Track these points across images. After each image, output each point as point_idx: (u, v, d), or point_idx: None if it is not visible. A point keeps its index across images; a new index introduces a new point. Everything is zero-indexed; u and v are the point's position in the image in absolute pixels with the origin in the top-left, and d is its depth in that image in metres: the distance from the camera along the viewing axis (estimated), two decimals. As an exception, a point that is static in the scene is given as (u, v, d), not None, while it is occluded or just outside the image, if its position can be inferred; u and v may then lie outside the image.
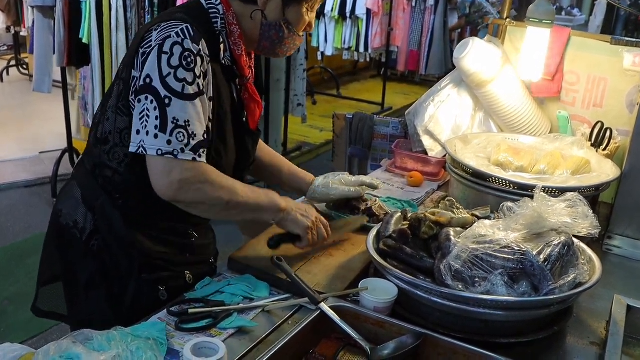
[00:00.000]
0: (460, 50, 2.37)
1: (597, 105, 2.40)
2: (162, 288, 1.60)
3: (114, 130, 1.55)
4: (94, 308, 1.62)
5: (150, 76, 1.43)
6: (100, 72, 4.43)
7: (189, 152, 1.45)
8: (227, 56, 1.57)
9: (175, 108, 1.43)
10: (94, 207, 1.60)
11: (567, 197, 1.47)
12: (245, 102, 1.67)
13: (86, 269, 1.61)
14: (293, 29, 1.59)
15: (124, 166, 1.56)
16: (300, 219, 1.63)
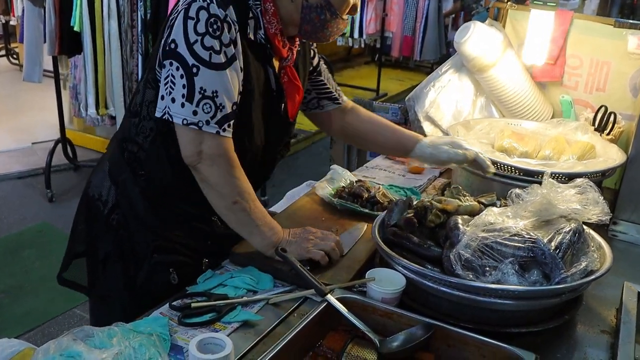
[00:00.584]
0: (461, 35, 2.33)
1: (600, 89, 2.37)
2: (172, 271, 1.58)
3: (143, 103, 1.55)
4: (110, 284, 1.63)
5: (176, 41, 1.40)
6: (93, 60, 4.36)
7: (214, 125, 1.42)
8: (260, 34, 1.52)
9: (203, 78, 1.40)
10: (118, 182, 1.61)
11: (577, 182, 1.44)
12: (284, 88, 1.62)
13: (105, 243, 1.62)
14: (336, 12, 1.52)
15: (149, 142, 1.56)
16: (298, 244, 1.54)
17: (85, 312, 3.30)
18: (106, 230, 1.63)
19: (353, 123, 1.90)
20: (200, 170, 1.46)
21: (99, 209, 1.64)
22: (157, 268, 1.58)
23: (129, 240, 1.60)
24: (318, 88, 1.85)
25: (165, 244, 1.60)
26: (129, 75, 4.40)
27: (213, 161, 1.45)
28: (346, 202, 1.86)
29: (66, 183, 5.00)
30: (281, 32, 1.54)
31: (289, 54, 1.59)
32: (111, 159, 1.66)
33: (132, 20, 4.25)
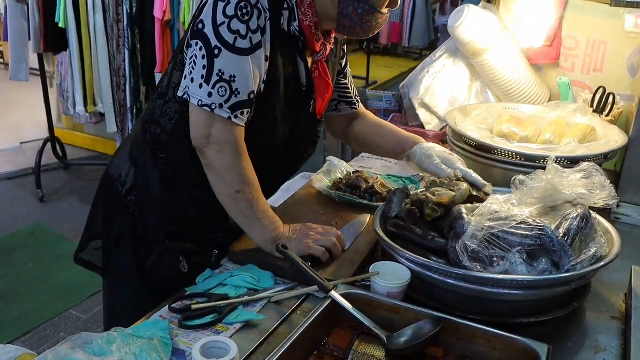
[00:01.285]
0: (455, 19, 2.29)
1: (597, 70, 2.34)
2: (182, 259, 1.56)
3: (169, 85, 1.54)
4: (122, 266, 1.63)
5: (204, 22, 1.38)
6: (79, 57, 4.30)
7: (227, 109, 1.40)
8: (294, 25, 1.48)
9: (224, 60, 1.38)
10: (137, 163, 1.61)
11: (582, 167, 1.41)
12: (315, 83, 1.58)
13: (120, 224, 1.62)
14: (374, 5, 1.47)
15: (172, 125, 1.54)
16: (298, 241, 1.50)
17: (81, 313, 3.27)
18: (122, 211, 1.63)
19: (356, 127, 1.90)
20: (207, 155, 1.44)
21: (117, 189, 1.64)
22: (168, 254, 1.57)
23: (143, 222, 1.60)
24: (341, 91, 1.83)
25: (178, 231, 1.58)
26: (117, 71, 4.34)
27: (221, 147, 1.42)
28: (344, 194, 1.82)
29: (57, 182, 4.94)
30: (316, 25, 1.50)
31: (322, 48, 1.55)
32: (133, 140, 1.66)
33: (117, 15, 4.18)
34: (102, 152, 5.44)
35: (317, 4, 1.48)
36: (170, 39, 4.13)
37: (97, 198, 1.74)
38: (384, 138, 1.87)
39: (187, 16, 3.99)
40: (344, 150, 3.06)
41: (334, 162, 2.03)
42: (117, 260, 1.66)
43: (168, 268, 1.57)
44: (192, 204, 1.59)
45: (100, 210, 1.71)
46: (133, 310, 1.62)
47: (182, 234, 1.59)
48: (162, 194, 1.58)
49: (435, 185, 1.57)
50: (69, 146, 5.31)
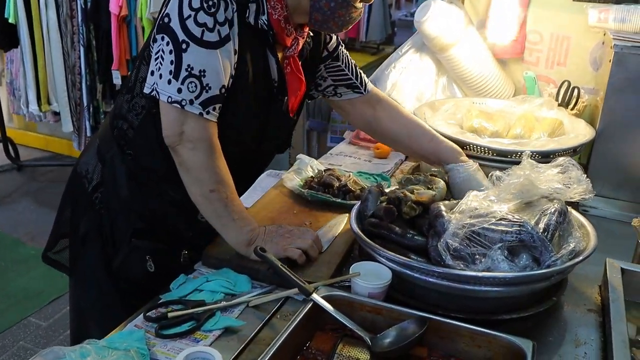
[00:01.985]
0: (421, 14, 2.28)
1: (560, 64, 2.36)
2: (148, 258, 1.51)
3: (137, 79, 1.49)
4: (89, 266, 1.59)
5: (170, 15, 1.33)
6: (31, 54, 4.17)
7: (198, 105, 1.35)
8: (262, 19, 1.42)
9: (192, 55, 1.33)
10: (105, 160, 1.55)
11: (559, 161, 1.41)
12: (287, 80, 1.53)
13: (86, 221, 1.58)
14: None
15: (139, 121, 1.49)
16: (274, 243, 1.46)
17: (42, 320, 3.16)
18: (89, 209, 1.58)
19: (383, 121, 1.78)
20: (180, 153, 1.39)
21: (83, 186, 1.59)
22: (134, 253, 1.52)
23: (110, 221, 1.54)
24: (334, 74, 1.74)
25: (146, 229, 1.53)
26: (72, 69, 4.21)
27: (194, 144, 1.37)
28: (317, 193, 1.79)
29: (10, 184, 4.77)
30: (286, 19, 1.45)
31: (293, 43, 1.50)
32: (101, 136, 1.61)
33: (71, 10, 4.05)
34: (58, 152, 5.28)
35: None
36: (127, 34, 4.02)
37: (64, 195, 1.69)
38: (420, 142, 1.76)
39: (144, 11, 3.89)
40: (310, 146, 3.04)
41: (305, 160, 2.00)
42: (84, 260, 1.60)
43: (135, 267, 1.53)
44: (160, 201, 1.54)
45: (67, 208, 1.67)
46: (100, 310, 1.59)
47: (149, 232, 1.54)
48: (130, 192, 1.53)
49: (410, 183, 1.56)
50: (22, 146, 5.14)
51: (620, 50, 1.87)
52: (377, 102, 1.80)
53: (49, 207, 4.28)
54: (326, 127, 2.94)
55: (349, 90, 1.77)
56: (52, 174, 4.91)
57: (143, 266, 1.52)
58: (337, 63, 1.73)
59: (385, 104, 1.80)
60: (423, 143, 1.77)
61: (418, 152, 1.82)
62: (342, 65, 1.74)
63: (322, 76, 1.74)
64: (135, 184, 1.53)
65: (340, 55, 1.74)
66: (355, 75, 1.76)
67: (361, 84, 1.77)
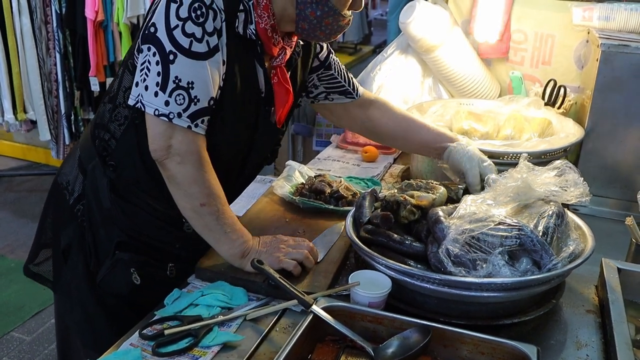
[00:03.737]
0: (406, 15, 2.27)
1: (545, 63, 2.37)
2: (133, 271, 1.47)
3: (120, 89, 1.44)
4: (72, 279, 1.54)
5: (156, 25, 1.29)
6: (5, 61, 4.08)
7: (186, 118, 1.32)
8: (251, 29, 1.39)
9: (179, 66, 1.29)
10: (86, 171, 1.51)
11: (556, 164, 1.41)
12: (274, 90, 1.49)
13: (67, 234, 1.54)
14: (333, 7, 1.39)
15: (122, 131, 1.45)
16: (269, 254, 1.44)
17: (25, 335, 3.09)
18: (70, 221, 1.54)
19: (377, 121, 1.77)
20: (168, 167, 1.35)
21: (64, 197, 1.55)
22: (118, 266, 1.47)
23: (92, 233, 1.50)
24: (327, 82, 1.72)
25: (130, 242, 1.49)
26: (47, 76, 4.12)
27: (182, 158, 1.34)
28: (309, 200, 1.77)
29: (-14, 195, 4.67)
30: (273, 28, 1.41)
31: (280, 53, 1.47)
32: (82, 146, 1.56)
33: (45, 16, 3.97)
34: (35, 162, 5.17)
35: (274, 5, 1.41)
36: (104, 40, 3.95)
37: (45, 207, 1.65)
38: (414, 134, 1.76)
39: (120, 16, 3.83)
40: (295, 150, 3.01)
41: (294, 166, 1.97)
42: (67, 274, 1.56)
43: (119, 281, 1.48)
44: (144, 214, 1.50)
45: (48, 220, 1.63)
46: (85, 326, 1.55)
47: (133, 244, 1.50)
48: (112, 204, 1.48)
49: (411, 188, 1.54)
50: (-3, 156, 5.04)
51: (607, 49, 1.87)
52: (369, 104, 1.79)
53: (28, 218, 4.19)
54: (311, 131, 2.91)
55: (342, 96, 1.76)
56: (30, 183, 4.81)
57: (128, 279, 1.47)
58: (329, 72, 1.72)
59: (377, 104, 1.79)
60: (416, 134, 1.76)
61: (413, 144, 1.82)
62: (335, 73, 1.72)
63: (314, 84, 1.73)
64: (117, 196, 1.48)
65: (332, 63, 1.72)
66: (347, 82, 1.75)
67: (353, 89, 1.76)
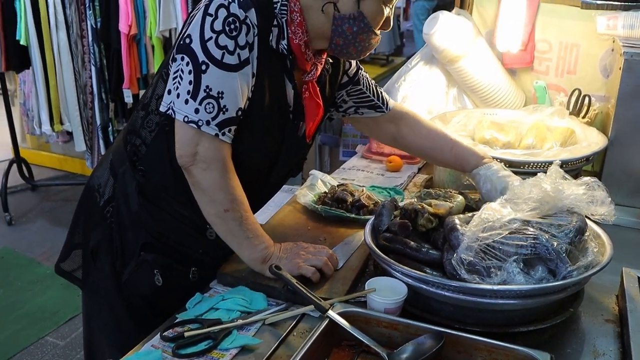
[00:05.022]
0: (430, 26, 2.29)
1: (570, 72, 2.36)
2: (156, 272, 1.52)
3: (153, 96, 1.50)
4: (100, 278, 1.60)
5: (191, 36, 1.35)
6: (43, 75, 4.21)
7: (214, 126, 1.36)
8: (283, 43, 1.44)
9: (211, 76, 1.34)
10: (117, 174, 1.56)
11: (585, 180, 1.41)
12: (305, 104, 1.54)
13: (97, 234, 1.59)
14: (368, 24, 1.44)
15: (152, 137, 1.50)
16: (289, 260, 1.47)
17: (59, 339, 3.17)
18: (100, 222, 1.59)
19: (407, 137, 1.81)
20: (193, 173, 1.40)
21: (95, 199, 1.61)
22: (143, 266, 1.53)
23: (120, 235, 1.55)
24: (356, 97, 1.76)
25: (155, 244, 1.54)
26: (83, 88, 4.25)
27: (208, 165, 1.39)
28: (331, 209, 1.80)
29: (25, 204, 4.81)
30: (306, 45, 1.46)
31: (312, 68, 1.51)
32: (114, 151, 1.63)
33: (81, 30, 4.10)
34: (71, 172, 5.32)
35: (308, 22, 1.45)
36: (137, 53, 4.05)
37: (77, 208, 1.71)
38: (443, 152, 1.78)
39: (153, 30, 3.93)
40: (322, 161, 3.04)
41: (317, 176, 2.00)
42: (95, 274, 1.62)
43: (143, 281, 1.53)
44: (170, 218, 1.55)
45: (80, 221, 1.68)
46: (111, 324, 1.60)
47: (158, 247, 1.55)
48: (140, 207, 1.53)
49: (430, 197, 1.56)
50: (35, 166, 5.18)
51: (630, 57, 1.87)
52: (399, 118, 1.81)
53: (63, 226, 4.30)
54: (338, 142, 2.94)
55: (371, 110, 1.79)
56: (65, 193, 4.95)
57: (151, 280, 1.52)
58: (358, 87, 1.75)
59: (408, 118, 1.82)
60: (445, 152, 1.78)
61: (442, 161, 1.85)
62: (364, 88, 1.76)
63: (343, 99, 1.76)
64: (145, 200, 1.53)
65: (361, 79, 1.75)
66: (376, 96, 1.78)
67: (383, 103, 1.78)
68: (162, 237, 1.55)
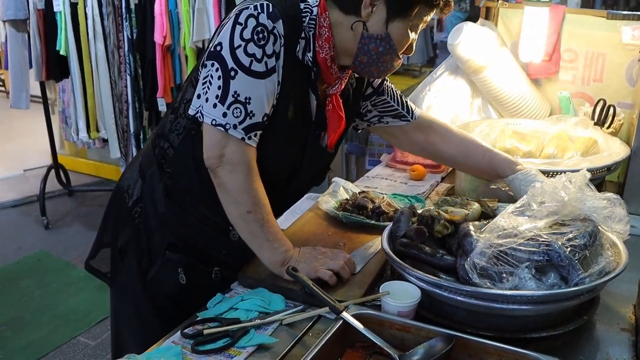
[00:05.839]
0: (454, 37, 2.31)
1: (597, 80, 2.36)
2: (180, 271, 1.58)
3: (182, 101, 1.56)
4: (127, 276, 1.66)
5: (222, 44, 1.41)
6: (81, 84, 4.34)
7: (241, 130, 1.42)
8: (308, 55, 1.50)
9: (239, 82, 1.40)
10: (145, 176, 1.63)
11: (607, 195, 1.41)
12: (328, 116, 1.58)
13: (125, 234, 1.65)
14: (394, 46, 1.48)
15: (179, 140, 1.56)
16: (307, 263, 1.51)
17: (90, 339, 3.27)
18: (128, 222, 1.65)
19: (438, 145, 1.83)
20: (219, 175, 1.46)
21: (124, 200, 1.67)
22: (167, 265, 1.58)
23: (146, 235, 1.61)
24: (380, 107, 1.79)
25: (180, 244, 1.60)
26: (119, 97, 4.37)
27: (234, 167, 1.44)
28: (351, 215, 1.83)
29: (62, 209, 4.96)
30: (331, 59, 1.51)
31: (336, 82, 1.56)
32: (144, 153, 1.69)
33: (118, 41, 4.22)
34: (106, 178, 5.47)
35: (336, 38, 1.50)
36: (171, 63, 4.16)
37: (107, 207, 1.77)
38: (476, 159, 1.81)
39: (187, 41, 4.03)
40: (348, 170, 3.08)
41: (340, 183, 2.04)
42: (122, 271, 1.68)
43: (167, 279, 1.59)
44: (195, 220, 1.60)
45: (109, 220, 1.75)
46: (136, 321, 1.67)
47: (183, 247, 1.60)
48: (166, 209, 1.59)
49: (447, 204, 1.59)
50: (72, 172, 5.33)
51: (653, 67, 1.86)
52: (427, 126, 1.83)
53: (98, 231, 4.42)
54: (364, 151, 2.98)
55: (396, 119, 1.81)
56: (100, 198, 5.09)
57: (175, 278, 1.58)
58: (382, 97, 1.78)
59: (436, 126, 1.84)
60: (478, 159, 1.80)
61: (475, 169, 1.86)
62: (388, 98, 1.78)
63: (368, 109, 1.80)
64: (172, 202, 1.59)
65: (385, 89, 1.78)
66: (401, 105, 1.80)
67: (408, 112, 1.81)
68: (187, 237, 1.60)
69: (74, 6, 4.15)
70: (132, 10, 4.13)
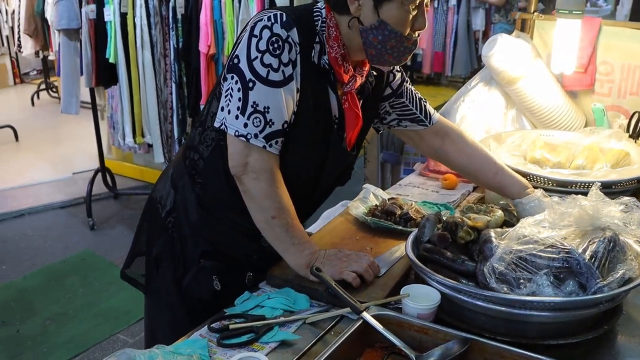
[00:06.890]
0: (488, 48, 2.33)
1: (633, 94, 2.35)
2: (215, 278, 1.63)
3: (208, 114, 1.62)
4: (161, 284, 1.72)
5: (239, 57, 1.47)
6: (128, 90, 4.48)
7: (262, 139, 1.47)
8: (324, 58, 1.54)
9: (257, 93, 1.45)
10: (177, 187, 1.69)
11: (624, 200, 1.41)
12: (345, 115, 1.62)
13: (159, 243, 1.71)
14: (393, 30, 1.48)
15: (209, 152, 1.61)
16: (331, 265, 1.54)
17: (129, 337, 3.37)
18: (162, 232, 1.71)
19: (450, 153, 1.86)
20: (244, 182, 1.51)
21: (158, 210, 1.73)
22: (202, 272, 1.64)
23: (180, 244, 1.67)
24: (399, 110, 1.82)
25: (213, 251, 1.65)
26: (164, 104, 4.50)
27: (257, 174, 1.49)
28: (379, 220, 1.87)
29: (107, 211, 5.11)
30: (343, 57, 1.55)
31: (351, 80, 1.59)
32: (175, 165, 1.75)
33: (164, 50, 4.36)
34: (150, 182, 5.61)
35: (344, 36, 1.54)
36: (214, 72, 4.28)
37: (142, 218, 1.84)
38: (486, 175, 1.83)
39: (230, 50, 4.13)
40: (384, 179, 3.11)
41: (370, 190, 2.08)
42: (157, 279, 1.74)
43: (202, 286, 1.64)
44: (227, 228, 1.66)
45: (143, 230, 1.81)
46: (171, 329, 1.70)
47: (216, 254, 1.66)
48: (199, 218, 1.65)
49: (471, 211, 1.61)
50: (118, 176, 5.49)
51: (688, 81, 1.85)
52: (445, 133, 1.86)
53: (140, 233, 4.55)
54: (399, 160, 3.01)
55: (414, 123, 1.84)
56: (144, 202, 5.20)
57: (210, 285, 1.64)
58: (401, 100, 1.80)
59: (454, 135, 1.86)
60: (488, 177, 1.83)
61: (485, 183, 1.89)
62: (407, 102, 1.81)
63: (386, 111, 1.83)
64: (204, 211, 1.65)
65: (404, 92, 1.80)
66: (419, 110, 1.82)
67: (426, 117, 1.83)
68: (220, 245, 1.66)
69: (124, 16, 4.31)
70: (179, 20, 4.27)
